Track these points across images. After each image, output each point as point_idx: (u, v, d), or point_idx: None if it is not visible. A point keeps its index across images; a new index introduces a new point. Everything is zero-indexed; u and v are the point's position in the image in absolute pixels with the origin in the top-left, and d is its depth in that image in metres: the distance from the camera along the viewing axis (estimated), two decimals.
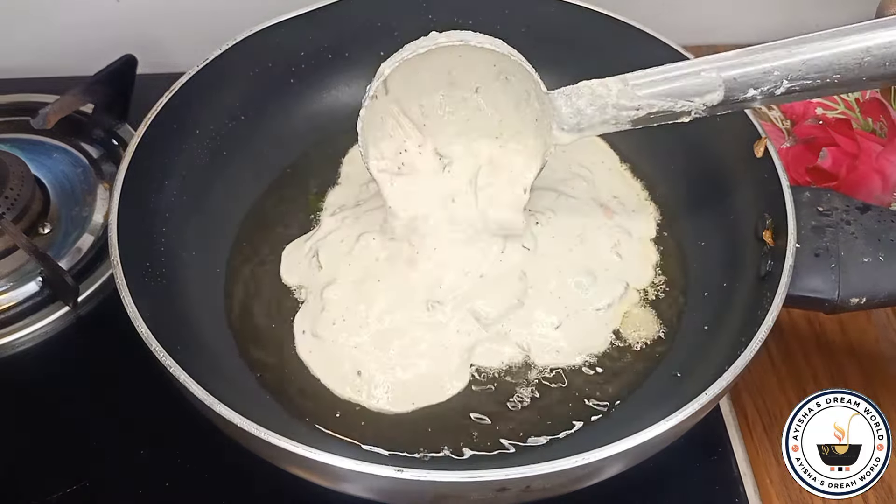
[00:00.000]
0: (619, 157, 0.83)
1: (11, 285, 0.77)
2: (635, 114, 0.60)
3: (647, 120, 0.61)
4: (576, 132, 0.63)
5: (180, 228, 0.73)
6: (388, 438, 0.63)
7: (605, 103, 0.61)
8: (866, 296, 0.62)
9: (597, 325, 0.69)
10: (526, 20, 0.86)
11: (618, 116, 0.61)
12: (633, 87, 0.60)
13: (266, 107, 0.82)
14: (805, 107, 0.84)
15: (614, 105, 0.60)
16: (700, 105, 0.59)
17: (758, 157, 0.68)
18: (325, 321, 0.67)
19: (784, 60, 0.56)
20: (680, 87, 0.59)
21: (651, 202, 0.79)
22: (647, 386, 0.66)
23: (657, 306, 0.71)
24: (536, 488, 0.53)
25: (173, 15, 0.98)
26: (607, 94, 0.61)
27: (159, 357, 0.56)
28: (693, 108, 0.59)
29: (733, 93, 0.58)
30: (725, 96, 0.58)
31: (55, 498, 0.67)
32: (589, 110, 0.61)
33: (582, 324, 0.68)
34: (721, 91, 0.58)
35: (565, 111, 0.62)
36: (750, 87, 0.57)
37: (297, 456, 0.52)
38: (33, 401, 0.74)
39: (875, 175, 0.77)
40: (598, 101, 0.61)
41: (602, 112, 0.61)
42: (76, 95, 0.83)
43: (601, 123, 0.62)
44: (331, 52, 0.85)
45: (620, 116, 0.61)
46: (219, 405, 0.54)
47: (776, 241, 0.65)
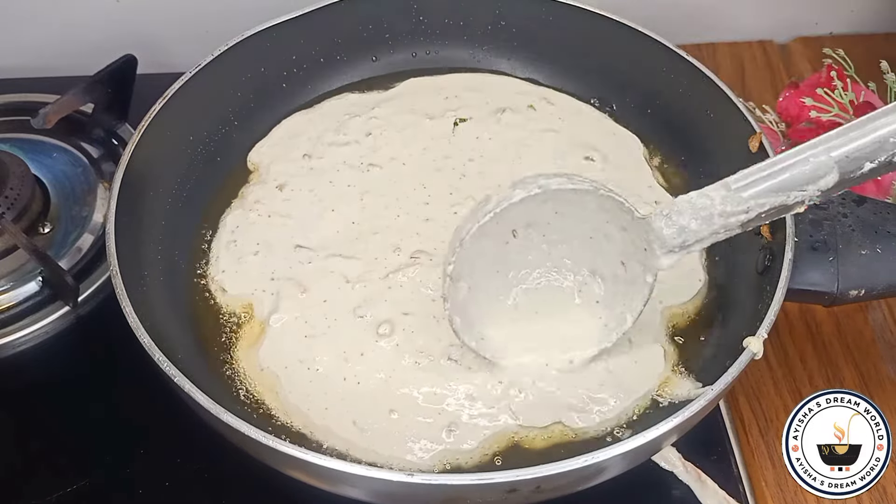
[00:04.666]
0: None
1: (11, 285, 0.77)
2: (746, 217, 0.56)
3: (758, 220, 0.56)
4: (681, 250, 0.58)
5: (177, 231, 0.73)
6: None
7: (710, 213, 0.56)
8: (865, 288, 0.62)
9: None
10: (518, 21, 0.86)
11: (727, 224, 0.56)
12: (737, 191, 0.55)
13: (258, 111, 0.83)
14: (799, 110, 0.84)
15: (720, 213, 0.55)
16: (815, 192, 0.54)
17: (753, 153, 0.68)
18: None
19: (894, 126, 0.51)
20: (789, 180, 0.54)
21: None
22: None
23: None
24: (546, 489, 0.53)
25: (173, 15, 0.98)
26: (711, 205, 0.56)
27: (163, 367, 0.56)
28: (808, 197, 0.54)
29: (848, 172, 0.53)
30: (840, 177, 0.53)
31: (55, 498, 0.67)
32: (693, 225, 0.56)
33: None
34: (835, 173, 0.53)
35: (667, 232, 0.57)
36: (865, 160, 0.52)
37: (306, 462, 0.52)
38: (33, 401, 0.74)
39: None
40: (702, 212, 0.56)
41: (709, 223, 0.56)
42: (76, 95, 0.83)
43: (710, 235, 0.57)
44: (323, 55, 0.86)
45: (729, 224, 0.56)
46: (225, 413, 0.54)
47: (774, 235, 0.65)
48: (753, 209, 0.55)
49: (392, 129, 0.81)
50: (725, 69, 1.01)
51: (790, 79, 0.92)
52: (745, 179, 0.55)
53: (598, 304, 0.62)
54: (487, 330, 0.63)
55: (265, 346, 0.66)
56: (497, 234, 0.59)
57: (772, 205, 0.55)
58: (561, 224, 0.60)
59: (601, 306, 0.62)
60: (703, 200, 0.56)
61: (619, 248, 0.60)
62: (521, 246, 0.61)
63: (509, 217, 0.57)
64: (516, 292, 0.63)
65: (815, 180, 0.54)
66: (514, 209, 0.56)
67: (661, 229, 0.57)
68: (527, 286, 0.63)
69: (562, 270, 0.62)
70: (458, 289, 0.59)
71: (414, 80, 0.87)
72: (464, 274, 0.59)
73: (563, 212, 0.59)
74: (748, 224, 0.57)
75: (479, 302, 0.61)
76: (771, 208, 0.55)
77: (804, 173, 0.54)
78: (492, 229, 0.58)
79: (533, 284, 0.63)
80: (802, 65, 1.01)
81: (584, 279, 0.62)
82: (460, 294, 0.60)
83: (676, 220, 0.57)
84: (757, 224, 0.57)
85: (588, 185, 0.57)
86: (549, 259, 0.62)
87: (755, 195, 0.55)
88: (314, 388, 0.64)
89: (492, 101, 0.83)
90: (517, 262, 0.62)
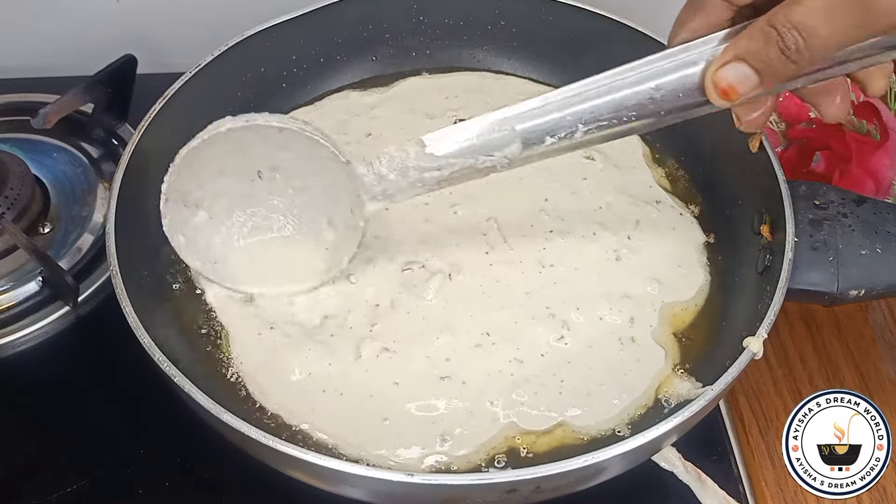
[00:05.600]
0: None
1: (11, 285, 0.77)
2: (439, 174, 0.59)
3: (451, 179, 0.60)
4: (384, 199, 0.62)
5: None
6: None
7: (405, 166, 0.60)
8: (865, 288, 0.62)
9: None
10: (518, 21, 0.86)
11: (422, 179, 0.60)
12: (431, 148, 0.59)
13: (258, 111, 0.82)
14: (800, 109, 0.84)
15: (415, 168, 0.59)
16: (501, 158, 0.58)
17: (753, 153, 0.69)
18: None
19: (576, 108, 0.55)
20: (479, 145, 0.58)
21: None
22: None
23: None
24: (546, 489, 0.53)
25: (173, 15, 0.98)
26: (406, 158, 0.59)
27: (163, 367, 0.56)
28: (496, 162, 0.58)
29: (531, 143, 0.57)
30: (524, 147, 0.57)
31: (55, 498, 0.67)
32: (392, 176, 0.60)
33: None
34: (518, 143, 0.57)
35: (368, 180, 0.61)
36: (546, 135, 0.56)
37: (306, 462, 0.52)
38: (33, 401, 0.73)
39: (868, 178, 0.78)
40: (398, 165, 0.60)
41: (405, 175, 0.60)
42: (76, 95, 0.83)
43: (409, 186, 0.61)
44: (323, 55, 0.86)
45: (425, 178, 0.60)
46: (225, 413, 0.54)
47: (774, 235, 0.65)
48: (446, 168, 0.59)
49: (392, 128, 0.81)
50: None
51: None
52: (439, 139, 0.59)
53: (326, 251, 0.67)
54: (223, 257, 0.67)
55: (258, 347, 0.66)
56: (241, 172, 0.64)
57: (462, 165, 0.59)
58: (302, 170, 0.64)
59: (329, 251, 0.67)
60: (400, 154, 0.60)
61: (351, 196, 0.63)
62: (266, 188, 0.65)
63: (251, 154, 0.63)
64: (256, 230, 0.67)
65: (501, 147, 0.58)
66: (252, 146, 0.62)
67: (363, 176, 0.61)
68: (267, 226, 0.67)
69: (302, 217, 0.67)
70: (195, 216, 0.65)
71: (414, 80, 0.87)
72: (204, 204, 0.65)
73: (303, 159, 0.63)
74: (444, 182, 0.60)
75: (220, 232, 0.67)
76: (462, 169, 0.59)
77: (492, 140, 0.57)
78: (229, 163, 0.63)
79: (274, 226, 0.67)
80: None
81: (321, 226, 0.67)
82: (197, 219, 0.65)
83: (377, 169, 0.60)
84: (451, 184, 0.60)
85: (294, 126, 0.61)
86: (294, 206, 0.66)
87: (447, 155, 0.58)
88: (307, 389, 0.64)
89: (492, 101, 0.83)
90: (262, 202, 0.66)
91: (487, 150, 0.58)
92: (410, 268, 0.69)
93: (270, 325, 0.67)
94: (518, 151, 0.58)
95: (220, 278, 0.68)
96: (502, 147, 0.58)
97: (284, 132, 0.61)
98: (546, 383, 0.63)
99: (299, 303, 0.68)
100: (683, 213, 0.75)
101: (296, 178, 0.65)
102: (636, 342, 0.66)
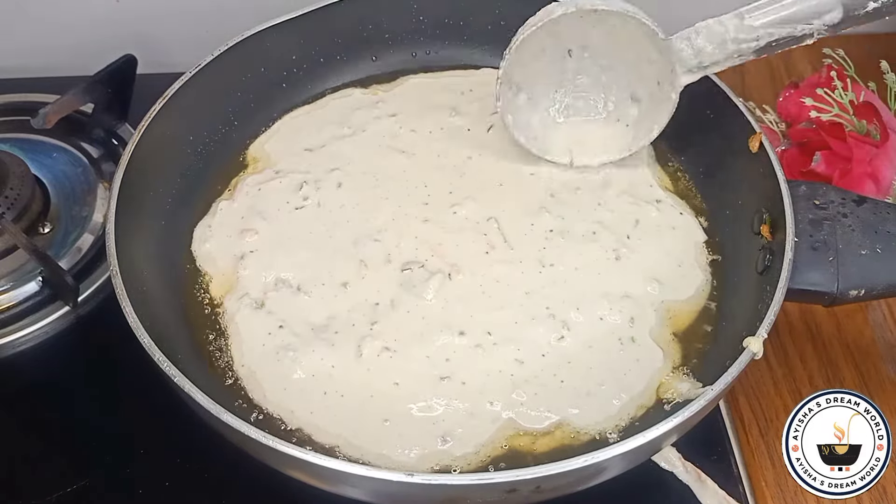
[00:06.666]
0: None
1: (11, 285, 0.77)
2: (756, 44, 0.63)
3: (769, 49, 0.64)
4: (700, 71, 0.67)
5: (177, 231, 0.73)
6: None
7: (724, 39, 0.64)
8: (865, 288, 0.62)
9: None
10: (518, 21, 0.85)
11: (739, 50, 0.64)
12: (750, 20, 0.62)
13: (258, 111, 0.83)
14: (799, 109, 0.84)
15: (733, 40, 0.63)
16: (821, 26, 0.61)
17: (753, 153, 0.69)
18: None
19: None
20: (798, 13, 0.61)
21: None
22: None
23: None
24: (546, 489, 0.53)
25: (173, 15, 0.98)
26: (724, 32, 0.64)
27: (163, 367, 0.56)
28: (815, 30, 0.61)
29: (852, 9, 0.59)
30: (845, 13, 0.60)
31: (55, 498, 0.67)
32: (709, 48, 0.65)
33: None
34: (840, 9, 0.59)
35: (686, 54, 0.66)
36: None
37: (306, 462, 0.52)
38: (33, 401, 0.74)
39: (868, 178, 0.78)
40: (717, 38, 0.64)
41: (723, 48, 0.64)
42: (76, 95, 0.84)
43: (725, 59, 0.65)
44: (323, 55, 0.86)
45: (742, 49, 0.64)
46: (225, 413, 0.54)
47: (774, 235, 0.65)
48: (763, 38, 0.63)
49: (392, 128, 0.81)
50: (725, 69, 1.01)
51: (790, 79, 0.92)
52: (757, 10, 0.62)
53: (628, 126, 0.74)
54: (540, 132, 0.75)
55: (263, 347, 0.66)
56: (554, 53, 0.71)
57: (780, 35, 0.62)
58: (611, 48, 0.70)
59: (632, 126, 0.74)
60: (718, 27, 0.64)
61: (658, 68, 0.69)
62: (575, 67, 0.72)
63: (563, 35, 0.69)
64: (566, 110, 0.75)
65: (820, 14, 0.60)
66: (564, 27, 0.68)
67: (681, 51, 0.66)
68: (575, 105, 0.75)
69: (607, 94, 0.74)
70: (517, 97, 0.74)
71: (414, 80, 0.87)
72: (524, 86, 0.73)
73: (614, 37, 0.69)
74: (760, 51, 0.64)
75: (538, 110, 0.75)
76: (780, 38, 0.63)
77: (811, 7, 0.60)
78: (547, 45, 0.70)
79: (581, 105, 0.75)
80: (802, 65, 1.01)
81: (625, 104, 0.74)
82: (519, 101, 0.74)
83: (695, 42, 0.65)
84: (768, 52, 0.64)
85: (617, 7, 0.67)
86: (600, 84, 0.73)
87: (765, 25, 0.62)
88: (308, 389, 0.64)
89: (492, 101, 0.83)
90: (570, 81, 0.74)
91: (807, 19, 0.60)
92: (410, 268, 0.69)
93: (280, 323, 0.67)
94: (838, 18, 0.60)
95: (540, 151, 0.75)
96: (822, 15, 0.60)
97: (599, 12, 0.67)
98: (546, 383, 0.63)
99: (310, 301, 0.68)
100: (683, 213, 0.75)
101: (603, 56, 0.71)
102: (636, 342, 0.66)
